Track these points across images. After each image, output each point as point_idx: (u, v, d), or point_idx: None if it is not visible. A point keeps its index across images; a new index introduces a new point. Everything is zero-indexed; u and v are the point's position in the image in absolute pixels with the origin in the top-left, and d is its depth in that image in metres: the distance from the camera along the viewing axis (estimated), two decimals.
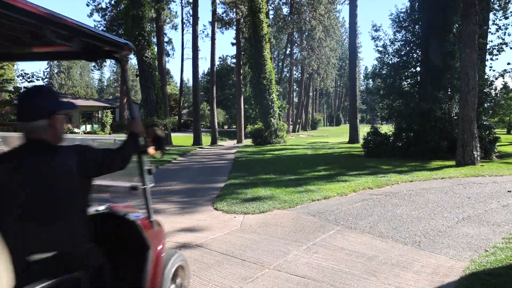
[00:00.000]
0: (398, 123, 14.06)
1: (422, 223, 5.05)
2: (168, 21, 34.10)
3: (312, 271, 3.49)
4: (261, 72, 20.89)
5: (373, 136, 14.15)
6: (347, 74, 49.76)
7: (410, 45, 14.68)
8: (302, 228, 4.81)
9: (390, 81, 14.80)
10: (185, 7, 36.52)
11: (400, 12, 14.91)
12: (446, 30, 13.19)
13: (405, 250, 4.06)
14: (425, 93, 13.54)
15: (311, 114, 60.82)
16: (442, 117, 12.63)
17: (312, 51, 43.75)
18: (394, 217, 5.34)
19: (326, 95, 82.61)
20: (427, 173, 9.22)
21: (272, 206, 5.86)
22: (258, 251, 3.99)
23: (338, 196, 6.75)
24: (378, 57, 15.73)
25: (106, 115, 36.49)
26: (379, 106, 16.36)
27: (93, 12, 31.43)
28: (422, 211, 5.70)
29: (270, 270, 3.51)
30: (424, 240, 4.40)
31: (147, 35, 20.48)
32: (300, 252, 3.97)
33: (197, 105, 26.09)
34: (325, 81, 54.96)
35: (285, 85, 51.54)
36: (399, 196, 6.73)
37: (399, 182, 8.07)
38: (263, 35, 21.02)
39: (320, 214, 5.50)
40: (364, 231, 4.72)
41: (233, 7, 27.19)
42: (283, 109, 25.26)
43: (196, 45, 25.13)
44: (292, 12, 38.53)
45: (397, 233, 4.64)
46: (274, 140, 21.28)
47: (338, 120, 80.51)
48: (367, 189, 7.34)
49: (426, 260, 3.80)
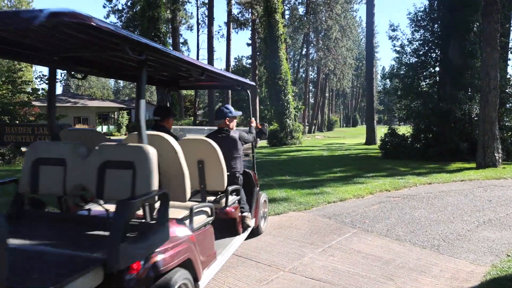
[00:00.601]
0: (416, 124, 13.81)
1: (441, 227, 4.95)
2: (184, 22, 34.50)
3: (327, 274, 3.47)
4: (277, 72, 20.84)
5: (390, 137, 13.93)
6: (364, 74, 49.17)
7: (429, 44, 14.40)
8: (317, 231, 4.78)
9: (408, 81, 14.55)
10: (201, 7, 36.91)
11: (418, 11, 14.67)
12: (466, 29, 12.88)
13: (423, 254, 4.00)
14: (444, 93, 13.26)
15: (327, 115, 60.32)
16: (462, 118, 12.34)
17: (328, 51, 43.42)
18: (412, 220, 5.25)
19: (343, 96, 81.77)
20: (446, 175, 9.02)
21: (287, 208, 5.85)
22: (273, 253, 3.99)
23: (355, 198, 6.68)
24: (396, 57, 15.51)
25: (122, 116, 37.09)
26: (397, 106, 16.12)
27: (109, 13, 32.07)
28: (441, 214, 5.59)
29: (285, 273, 3.50)
30: (443, 244, 4.32)
31: (162, 36, 20.73)
32: (316, 255, 3.95)
33: (212, 105, 26.28)
34: (342, 82, 54.38)
35: (301, 85, 51.30)
36: (417, 198, 6.62)
37: (417, 184, 7.93)
38: (278, 36, 20.96)
39: (336, 216, 5.46)
40: (381, 234, 4.66)
41: (249, 7, 27.28)
42: (298, 110, 25.14)
43: (211, 46, 25.33)
44: (308, 12, 38.34)
45: (415, 237, 4.56)
46: (289, 141, 21.19)
47: (355, 121, 79.56)
48: (384, 191, 7.24)
49: (445, 264, 3.73)
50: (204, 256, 2.75)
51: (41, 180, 2.55)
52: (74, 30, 2.03)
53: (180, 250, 2.36)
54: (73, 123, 30.70)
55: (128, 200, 2.02)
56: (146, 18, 20.11)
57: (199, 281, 2.57)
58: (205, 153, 3.23)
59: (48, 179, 2.54)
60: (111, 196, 2.38)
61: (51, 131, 2.91)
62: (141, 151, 2.30)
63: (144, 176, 2.26)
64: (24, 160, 2.63)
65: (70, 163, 2.51)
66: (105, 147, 2.46)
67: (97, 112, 36.81)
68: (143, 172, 2.27)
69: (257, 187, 4.42)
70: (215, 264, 2.96)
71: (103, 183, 2.38)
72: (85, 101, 37.04)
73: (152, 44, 2.26)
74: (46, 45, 2.43)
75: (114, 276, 1.92)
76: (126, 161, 2.32)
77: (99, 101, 42.05)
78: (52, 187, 2.54)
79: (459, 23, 12.74)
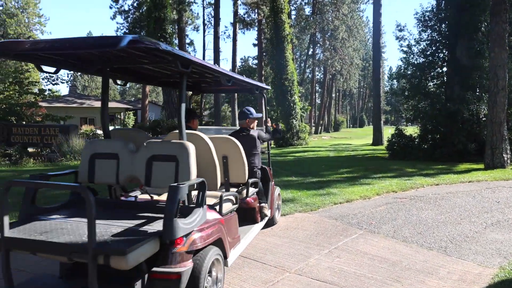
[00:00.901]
0: (423, 124, 13.71)
1: (448, 228, 4.92)
2: (190, 22, 34.59)
3: (334, 275, 3.47)
4: (283, 73, 20.80)
5: (397, 138, 13.85)
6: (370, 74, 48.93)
7: (436, 44, 14.29)
8: (324, 232, 4.78)
9: (416, 82, 14.45)
10: (207, 8, 36.91)
11: (425, 11, 14.56)
12: (474, 29, 12.76)
13: (430, 256, 3.98)
14: (452, 93, 13.15)
15: (334, 115, 60.09)
16: (470, 118, 12.22)
17: (335, 52, 43.27)
18: (419, 222, 5.23)
19: (349, 96, 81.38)
20: (454, 176, 8.95)
21: (293, 209, 5.85)
22: (279, 254, 4.00)
23: (361, 199, 6.66)
24: (403, 57, 15.40)
25: (128, 116, 37.26)
26: (404, 107, 16.01)
27: (115, 14, 32.23)
28: (448, 215, 5.55)
29: (291, 274, 3.51)
30: (450, 245, 4.29)
31: (168, 37, 20.76)
32: (322, 256, 3.95)
33: (218, 106, 26.35)
34: (348, 82, 54.13)
35: (307, 86, 51.20)
36: (425, 199, 6.58)
37: (424, 185, 7.88)
38: (285, 36, 20.93)
39: (342, 217, 5.45)
40: (388, 236, 4.65)
41: (255, 7, 27.29)
42: (305, 110, 25.07)
43: (217, 47, 25.38)
44: (315, 12, 38.25)
45: (422, 238, 4.54)
46: (295, 142, 21.15)
47: (362, 121, 79.12)
48: (391, 192, 7.21)
49: (452, 266, 3.71)
50: (231, 238, 3.22)
51: (97, 171, 3.05)
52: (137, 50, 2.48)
53: (213, 230, 2.80)
54: (80, 124, 30.82)
55: (178, 185, 2.44)
56: (152, 19, 20.16)
57: (227, 258, 3.02)
58: (229, 149, 3.68)
59: (103, 171, 3.03)
60: (158, 185, 2.89)
61: (104, 131, 3.36)
62: (183, 147, 2.78)
63: (185, 167, 2.74)
64: (82, 155, 3.15)
65: (122, 157, 3.00)
66: (152, 144, 2.94)
67: None
68: (184, 164, 2.75)
69: (272, 181, 4.87)
70: (239, 246, 3.43)
71: (150, 174, 2.87)
72: (92, 102, 37.25)
73: (196, 59, 2.80)
74: (102, 58, 2.92)
75: (165, 248, 2.37)
76: (170, 155, 2.80)
77: None
78: (106, 177, 3.04)
79: (467, 23, 12.63)
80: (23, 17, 43.36)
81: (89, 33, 77.36)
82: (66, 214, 2.73)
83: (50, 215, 2.70)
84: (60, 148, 11.93)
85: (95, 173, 3.05)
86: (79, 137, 12.57)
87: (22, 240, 2.20)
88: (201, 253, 2.62)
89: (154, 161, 2.86)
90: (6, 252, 2.19)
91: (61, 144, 11.96)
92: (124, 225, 2.47)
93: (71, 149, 11.99)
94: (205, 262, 2.58)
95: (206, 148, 3.14)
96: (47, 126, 12.96)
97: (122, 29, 32.01)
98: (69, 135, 12.15)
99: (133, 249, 2.08)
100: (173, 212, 2.33)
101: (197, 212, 2.62)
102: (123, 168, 2.99)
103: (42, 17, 45.75)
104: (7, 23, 41.50)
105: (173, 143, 2.87)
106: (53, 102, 29.05)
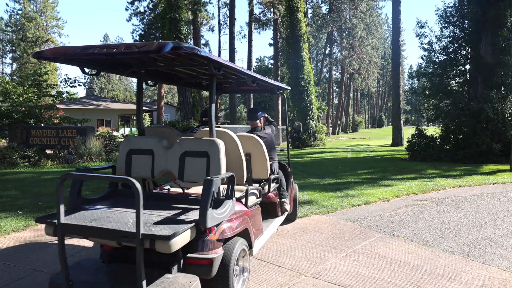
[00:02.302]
0: (445, 124, 13.33)
1: (472, 232, 4.75)
2: (205, 23, 34.79)
3: (351, 279, 3.39)
4: (299, 73, 20.64)
5: (418, 139, 13.52)
6: (390, 73, 48.07)
7: (459, 41, 13.89)
8: (341, 235, 4.69)
9: (437, 80, 14.08)
10: (222, 8, 37.01)
11: (447, 7, 14.17)
12: (499, 25, 12.33)
13: (453, 260, 3.85)
14: (475, 92, 12.75)
15: (352, 115, 59.34)
16: (494, 117, 11.81)
17: (353, 50, 42.70)
18: (440, 225, 5.07)
19: (368, 96, 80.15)
20: (478, 177, 8.66)
21: (310, 211, 5.77)
22: (295, 257, 3.94)
23: (380, 201, 6.52)
24: (424, 55, 15.05)
25: (144, 118, 37.63)
26: (425, 106, 15.62)
27: (131, 16, 32.72)
28: (471, 218, 5.36)
29: (307, 278, 3.45)
30: (474, 249, 4.14)
31: (184, 37, 20.89)
32: (339, 260, 3.87)
33: (234, 107, 26.42)
34: (367, 81, 53.26)
35: (324, 86, 50.75)
36: (446, 202, 6.38)
37: (446, 187, 7.65)
38: (301, 35, 20.76)
39: (360, 220, 5.34)
40: (408, 239, 4.52)
41: (270, 7, 27.21)
42: (322, 110, 24.89)
43: (233, 47, 25.42)
44: (332, 10, 37.87)
45: (444, 242, 4.40)
46: (312, 143, 20.96)
47: (381, 121, 77.82)
48: (411, 195, 7.03)
49: (475, 271, 3.57)
50: (255, 229, 3.43)
51: (134, 166, 3.31)
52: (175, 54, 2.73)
53: (240, 221, 3.04)
54: (96, 125, 31.39)
55: (212, 178, 2.65)
56: (168, 20, 20.33)
57: (252, 248, 3.27)
58: (252, 147, 3.89)
59: (139, 165, 3.30)
60: (190, 178, 3.13)
61: (139, 128, 3.62)
62: (213, 143, 3.01)
63: (216, 162, 2.98)
64: (120, 151, 3.41)
65: (157, 153, 3.26)
66: (185, 141, 3.19)
67: (119, 114, 37.60)
68: (215, 160, 2.99)
69: (291, 178, 5.00)
70: (262, 237, 3.63)
71: (183, 168, 3.12)
72: (108, 104, 37.98)
73: (228, 63, 3.02)
74: (138, 62, 3.21)
75: (198, 236, 2.61)
76: (201, 151, 3.05)
77: (121, 103, 43.03)
78: (142, 171, 3.29)
79: (491, 18, 12.22)
80: (42, 20, 44.61)
81: (106, 35, 79.02)
82: (107, 204, 3.02)
83: (93, 205, 2.98)
84: (77, 149, 12.15)
85: (132, 167, 3.30)
86: (96, 139, 12.76)
87: (77, 226, 2.49)
88: (230, 242, 2.87)
89: (187, 157, 3.12)
90: (62, 236, 2.44)
91: (78, 146, 12.19)
92: (162, 215, 2.71)
93: (88, 150, 12.19)
94: (234, 250, 2.82)
95: (234, 145, 3.42)
96: (65, 128, 13.18)
97: (138, 31, 32.46)
98: (86, 136, 12.35)
99: (175, 235, 2.33)
100: (208, 203, 2.56)
101: (227, 204, 2.84)
102: (158, 163, 3.25)
103: (60, 20, 46.94)
104: (26, 26, 42.80)
105: (204, 140, 3.09)
106: (70, 104, 29.70)
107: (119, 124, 37.66)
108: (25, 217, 5.44)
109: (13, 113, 14.45)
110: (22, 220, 5.31)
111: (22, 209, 5.94)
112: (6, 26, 47.50)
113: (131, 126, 39.57)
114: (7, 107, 14.63)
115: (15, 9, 46.39)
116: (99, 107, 35.52)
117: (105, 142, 13.42)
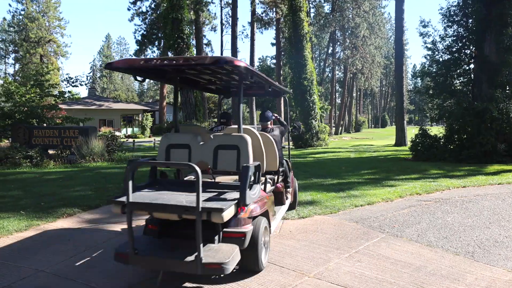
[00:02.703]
0: (449, 124, 13.22)
1: (476, 232, 4.71)
2: (207, 22, 34.85)
3: (354, 280, 3.36)
4: (302, 72, 20.58)
5: (421, 138, 13.43)
6: (393, 73, 47.89)
7: (463, 40, 13.78)
8: (344, 235, 4.66)
9: (441, 80, 13.97)
10: (224, 8, 37.03)
11: (451, 6, 14.06)
12: (503, 24, 12.22)
13: (457, 261, 3.81)
14: (479, 91, 12.65)
15: (355, 115, 59.17)
16: (499, 117, 11.71)
17: (355, 50, 42.58)
18: (444, 225, 5.02)
19: (371, 96, 79.88)
20: (482, 178, 8.59)
21: (312, 212, 5.74)
22: (298, 258, 3.91)
23: (383, 202, 6.48)
24: (427, 54, 14.95)
25: (146, 118, 37.73)
26: (429, 106, 15.54)
27: (133, 16, 32.78)
28: (476, 219, 5.31)
29: (309, 278, 3.42)
30: (478, 250, 4.10)
31: (186, 37, 20.83)
32: (342, 260, 3.84)
33: (237, 108, 26.36)
34: (370, 81, 53.08)
35: (327, 85, 50.63)
36: (450, 202, 6.33)
37: (450, 187, 7.59)
38: (303, 35, 20.69)
39: (363, 220, 5.31)
40: (411, 240, 4.48)
41: (273, 6, 27.18)
42: (325, 110, 24.80)
43: (235, 46, 25.39)
44: (334, 9, 37.80)
45: (448, 242, 4.36)
46: (315, 143, 20.90)
47: (384, 121, 77.60)
48: (415, 195, 6.98)
49: (480, 272, 3.53)
50: (271, 212, 4.01)
51: (172, 159, 3.84)
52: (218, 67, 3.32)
53: (263, 203, 3.63)
54: (98, 125, 31.35)
55: (248, 165, 3.23)
56: (170, 20, 20.31)
57: (270, 227, 3.87)
58: (265, 143, 4.30)
59: (177, 158, 3.83)
60: (223, 168, 3.72)
61: (175, 126, 4.29)
62: (242, 138, 3.60)
63: (245, 154, 3.55)
64: (160, 146, 3.95)
65: (193, 147, 3.83)
66: (217, 136, 3.81)
67: (121, 114, 37.61)
68: (244, 152, 3.56)
69: (292, 172, 5.58)
70: (275, 220, 4.26)
71: (216, 160, 3.71)
72: (110, 104, 38.04)
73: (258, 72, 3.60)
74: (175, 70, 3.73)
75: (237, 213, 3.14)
76: (232, 145, 3.64)
77: (124, 103, 43.11)
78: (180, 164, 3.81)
79: (495, 17, 12.12)
80: (44, 20, 44.76)
81: (108, 36, 79.28)
82: (154, 189, 3.52)
83: (143, 190, 3.47)
84: (79, 150, 12.14)
85: (171, 160, 3.83)
86: (98, 139, 12.75)
87: (144, 203, 2.99)
88: (257, 220, 3.45)
89: (220, 150, 3.69)
90: (130, 213, 2.94)
91: (80, 146, 12.18)
92: (205, 196, 3.19)
93: (90, 150, 12.18)
94: (261, 226, 3.43)
95: (257, 140, 4.00)
96: (67, 128, 13.15)
97: (140, 31, 32.48)
98: (89, 137, 12.34)
99: (226, 208, 2.89)
100: (247, 185, 3.13)
101: (256, 188, 3.43)
102: (194, 155, 3.79)
103: (62, 20, 47.09)
104: (28, 27, 42.95)
105: (234, 136, 3.70)
106: (73, 104, 29.71)
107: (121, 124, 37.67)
108: (28, 217, 5.45)
109: (16, 113, 14.46)
110: (25, 220, 5.32)
111: (24, 209, 5.95)
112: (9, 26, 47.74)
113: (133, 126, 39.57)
114: (10, 107, 14.63)
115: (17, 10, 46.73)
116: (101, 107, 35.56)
117: (107, 142, 13.41)
